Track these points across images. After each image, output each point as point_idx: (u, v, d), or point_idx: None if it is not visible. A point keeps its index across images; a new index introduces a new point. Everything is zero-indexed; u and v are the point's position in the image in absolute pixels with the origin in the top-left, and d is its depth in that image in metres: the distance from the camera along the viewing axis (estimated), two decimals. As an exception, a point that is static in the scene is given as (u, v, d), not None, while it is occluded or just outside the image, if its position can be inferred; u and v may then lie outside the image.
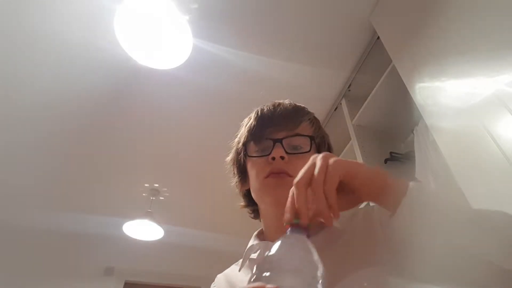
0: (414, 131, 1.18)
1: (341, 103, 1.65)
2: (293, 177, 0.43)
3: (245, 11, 1.28)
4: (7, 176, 2.14)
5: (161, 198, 2.55)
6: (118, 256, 2.87)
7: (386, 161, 1.36)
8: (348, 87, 1.60)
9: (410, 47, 1.06)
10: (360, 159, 1.36)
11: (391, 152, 1.36)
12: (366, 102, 1.40)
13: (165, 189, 2.47)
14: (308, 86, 1.61)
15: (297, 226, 0.36)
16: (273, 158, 0.49)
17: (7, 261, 2.61)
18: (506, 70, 0.72)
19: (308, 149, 0.51)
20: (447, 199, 0.38)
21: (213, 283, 0.59)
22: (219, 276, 0.59)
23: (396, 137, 1.41)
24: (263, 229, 0.56)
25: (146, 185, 2.39)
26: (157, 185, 2.41)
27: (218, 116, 1.71)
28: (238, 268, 0.54)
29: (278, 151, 0.49)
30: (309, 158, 0.45)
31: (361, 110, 1.44)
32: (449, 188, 0.95)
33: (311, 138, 0.53)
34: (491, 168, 0.71)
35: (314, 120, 0.58)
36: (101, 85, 1.55)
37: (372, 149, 1.40)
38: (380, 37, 1.26)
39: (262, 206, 0.55)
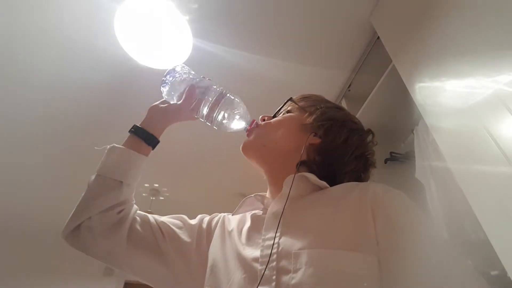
0: (414, 131, 1.18)
1: (341, 103, 1.65)
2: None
3: (245, 11, 1.27)
4: (6, 174, 2.14)
5: (161, 198, 2.55)
6: (118, 256, 2.87)
7: (386, 161, 1.36)
8: (348, 87, 1.60)
9: (410, 47, 1.06)
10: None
11: (391, 152, 1.36)
12: (366, 102, 1.40)
13: (165, 189, 2.47)
14: (308, 86, 1.61)
15: None
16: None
17: (7, 261, 2.61)
18: (506, 70, 0.72)
19: (283, 108, 0.65)
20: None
21: (220, 214, 0.65)
22: (224, 214, 0.64)
23: (396, 137, 1.41)
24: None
25: (146, 185, 2.40)
26: (157, 185, 2.41)
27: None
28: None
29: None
30: (289, 117, 0.62)
31: (361, 110, 1.44)
32: (449, 188, 0.95)
33: (288, 100, 0.65)
34: (491, 168, 0.71)
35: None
36: (101, 85, 1.55)
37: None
38: (380, 37, 1.26)
39: None
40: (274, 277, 0.40)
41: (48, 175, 2.17)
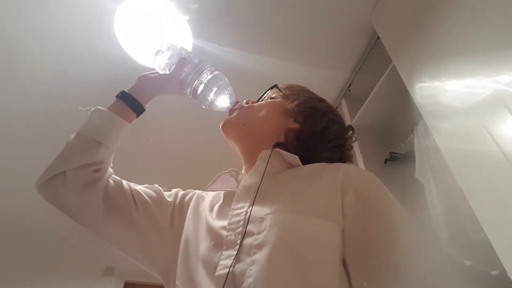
0: (414, 131, 1.18)
1: (341, 103, 1.65)
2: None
3: (245, 11, 1.28)
4: (6, 172, 2.14)
5: (161, 198, 2.54)
6: (118, 256, 2.86)
7: (386, 161, 1.36)
8: (348, 87, 1.60)
9: (410, 47, 1.06)
10: (360, 159, 1.36)
11: (391, 152, 1.36)
12: (366, 102, 1.40)
13: (165, 189, 2.46)
14: (308, 86, 1.59)
15: None
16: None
17: (7, 261, 2.61)
18: (506, 70, 0.72)
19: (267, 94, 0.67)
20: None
21: (195, 190, 0.66)
22: (199, 191, 0.66)
23: (396, 137, 1.41)
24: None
25: (146, 185, 2.39)
26: (157, 185, 2.41)
27: (218, 116, 1.70)
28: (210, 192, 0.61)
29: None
30: (271, 101, 0.64)
31: (361, 110, 1.44)
32: (449, 188, 0.95)
33: (273, 86, 0.67)
34: (491, 168, 0.71)
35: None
36: (101, 85, 1.55)
37: (372, 149, 1.40)
38: (380, 37, 1.26)
39: None
40: (238, 241, 0.41)
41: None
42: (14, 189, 2.28)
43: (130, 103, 0.62)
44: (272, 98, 0.66)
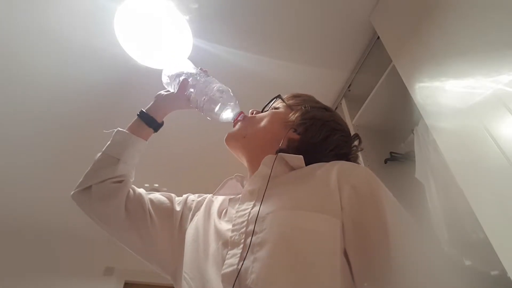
0: (414, 131, 1.18)
1: (341, 103, 1.64)
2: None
3: (245, 11, 1.27)
4: (7, 174, 2.14)
5: (161, 198, 2.53)
6: (118, 256, 2.87)
7: (386, 161, 1.36)
8: (348, 87, 1.60)
9: (410, 47, 1.06)
10: (360, 159, 1.36)
11: (391, 152, 1.36)
12: (366, 102, 1.40)
13: (165, 189, 2.46)
14: (308, 86, 1.61)
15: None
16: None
17: (7, 260, 2.61)
18: (506, 70, 0.72)
19: (271, 105, 0.69)
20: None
21: (206, 194, 0.70)
22: (210, 195, 0.69)
23: (396, 137, 1.41)
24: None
25: (146, 185, 2.39)
26: (157, 185, 2.41)
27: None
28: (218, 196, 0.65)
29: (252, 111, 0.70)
30: (273, 113, 0.65)
31: (361, 110, 1.44)
32: (449, 188, 0.95)
33: (276, 97, 0.69)
34: (491, 168, 0.71)
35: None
36: (101, 85, 1.55)
37: (372, 149, 1.40)
38: (380, 37, 1.26)
39: None
40: (242, 240, 0.44)
41: (47, 175, 2.17)
42: (14, 190, 2.28)
43: (146, 120, 0.69)
44: (276, 108, 0.67)
